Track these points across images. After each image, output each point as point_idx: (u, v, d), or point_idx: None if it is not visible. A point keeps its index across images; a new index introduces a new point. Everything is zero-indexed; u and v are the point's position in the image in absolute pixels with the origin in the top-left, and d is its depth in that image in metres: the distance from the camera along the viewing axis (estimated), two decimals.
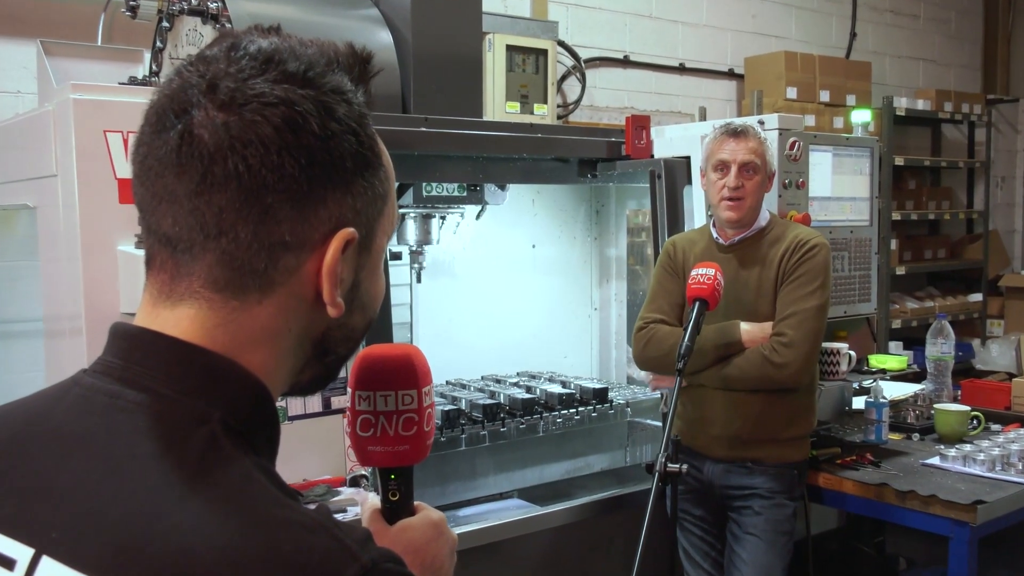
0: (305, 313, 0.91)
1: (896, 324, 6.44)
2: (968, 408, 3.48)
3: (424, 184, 3.60)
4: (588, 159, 3.87)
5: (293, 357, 0.93)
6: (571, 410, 3.65)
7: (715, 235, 3.02)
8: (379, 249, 0.97)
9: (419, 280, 3.83)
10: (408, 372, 1.10)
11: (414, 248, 3.76)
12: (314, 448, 2.75)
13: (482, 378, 4.10)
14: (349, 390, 1.09)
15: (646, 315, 3.05)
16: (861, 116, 3.83)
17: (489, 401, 3.53)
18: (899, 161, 6.48)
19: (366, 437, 1.09)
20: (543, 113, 4.18)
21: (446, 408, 3.41)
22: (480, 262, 4.21)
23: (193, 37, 3.01)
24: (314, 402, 2.76)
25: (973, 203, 7.76)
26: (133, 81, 2.93)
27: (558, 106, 5.11)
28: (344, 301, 0.92)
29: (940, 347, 3.81)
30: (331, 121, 0.89)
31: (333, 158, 0.89)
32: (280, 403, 1.28)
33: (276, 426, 0.92)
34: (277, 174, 0.85)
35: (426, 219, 3.73)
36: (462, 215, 3.88)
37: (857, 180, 3.67)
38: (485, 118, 3.82)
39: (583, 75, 5.35)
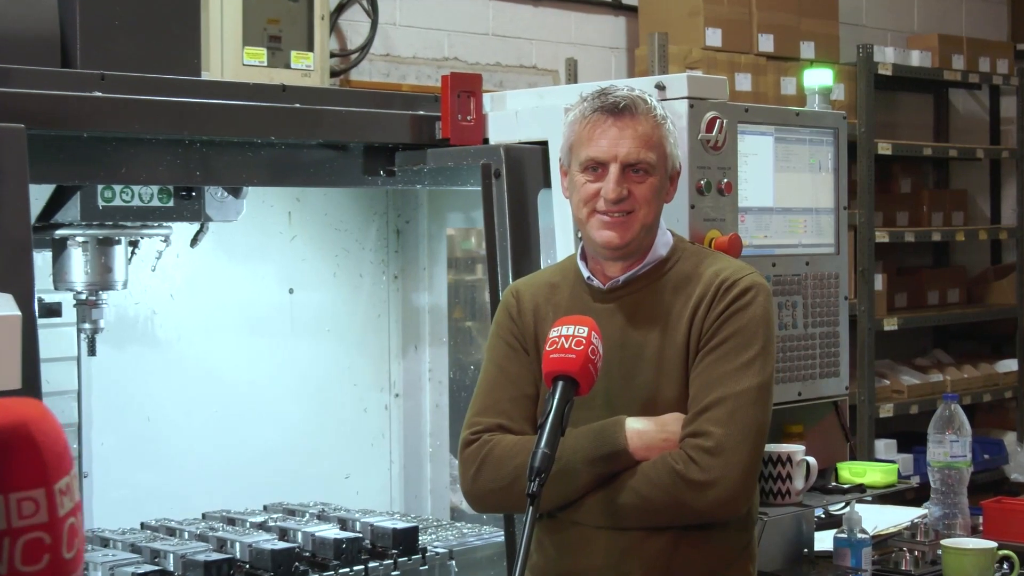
0: None
1: (885, 411, 6.68)
2: (993, 545, 3.64)
3: (102, 188, 3.55)
4: (381, 145, 3.90)
5: None
6: (357, 567, 3.64)
7: (586, 274, 3.08)
8: None
9: (92, 351, 3.76)
10: (26, 454, 1.08)
11: (83, 296, 3.69)
12: None
13: (204, 517, 4.04)
14: None
15: (477, 419, 3.06)
16: (821, 77, 3.99)
17: (216, 556, 3.48)
18: (884, 148, 6.75)
19: None
20: (306, 67, 4.19)
21: (142, 571, 3.35)
22: (199, 318, 4.17)
23: None
24: None
25: (1000, 214, 8.15)
26: None
27: (333, 55, 5.13)
28: None
29: (950, 447, 3.97)
30: None
31: None
32: None
33: None
34: None
35: (104, 246, 3.67)
36: (167, 240, 3.85)
37: (816, 180, 3.82)
38: (206, 75, 3.80)
39: (374, 4, 5.40)
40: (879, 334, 6.69)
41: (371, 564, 3.68)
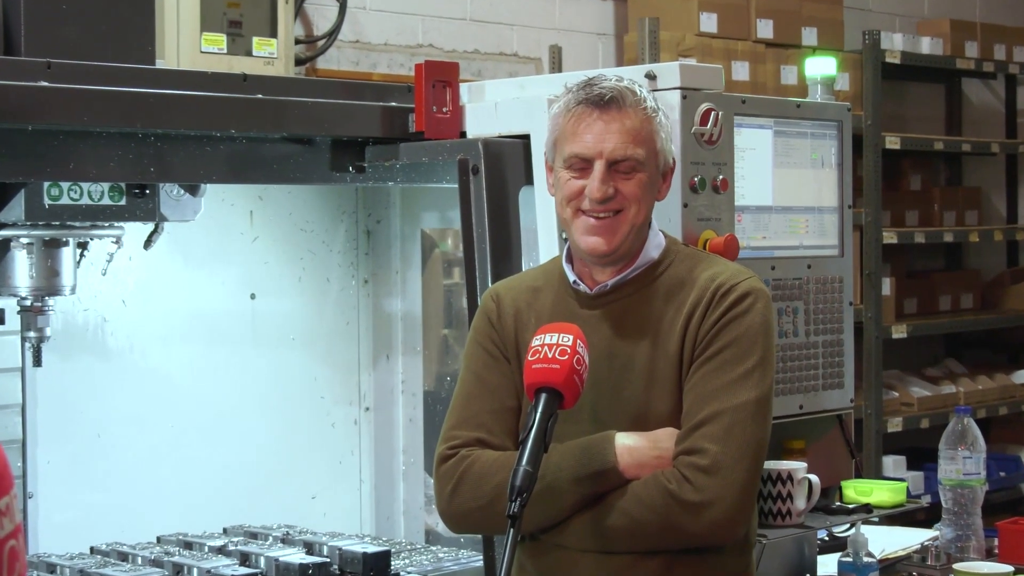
0: None
1: (894, 426, 6.68)
2: (1010, 569, 3.65)
3: (48, 185, 3.54)
4: (350, 139, 3.89)
5: None
6: None
7: (572, 278, 3.08)
8: None
9: (37, 362, 3.75)
10: None
11: (28, 302, 3.68)
12: None
13: (159, 541, 4.03)
14: None
15: (454, 433, 3.05)
16: (825, 65, 4.00)
17: None
18: (892, 143, 6.76)
19: None
20: (269, 55, 4.18)
21: None
22: (154, 326, 4.16)
23: None
24: None
25: (1017, 213, 8.17)
26: None
27: (298, 42, 5.12)
28: None
29: (963, 464, 3.98)
30: None
31: None
32: None
33: None
34: None
35: (51, 248, 3.67)
36: (118, 241, 3.84)
37: (819, 177, 3.83)
38: (161, 64, 3.79)
39: None
40: (887, 342, 6.69)
41: None
